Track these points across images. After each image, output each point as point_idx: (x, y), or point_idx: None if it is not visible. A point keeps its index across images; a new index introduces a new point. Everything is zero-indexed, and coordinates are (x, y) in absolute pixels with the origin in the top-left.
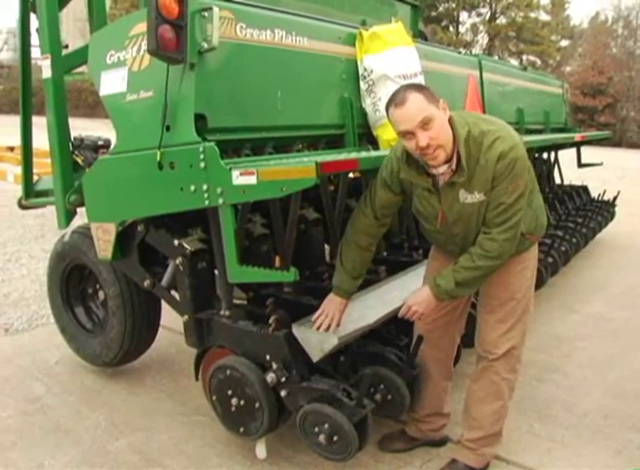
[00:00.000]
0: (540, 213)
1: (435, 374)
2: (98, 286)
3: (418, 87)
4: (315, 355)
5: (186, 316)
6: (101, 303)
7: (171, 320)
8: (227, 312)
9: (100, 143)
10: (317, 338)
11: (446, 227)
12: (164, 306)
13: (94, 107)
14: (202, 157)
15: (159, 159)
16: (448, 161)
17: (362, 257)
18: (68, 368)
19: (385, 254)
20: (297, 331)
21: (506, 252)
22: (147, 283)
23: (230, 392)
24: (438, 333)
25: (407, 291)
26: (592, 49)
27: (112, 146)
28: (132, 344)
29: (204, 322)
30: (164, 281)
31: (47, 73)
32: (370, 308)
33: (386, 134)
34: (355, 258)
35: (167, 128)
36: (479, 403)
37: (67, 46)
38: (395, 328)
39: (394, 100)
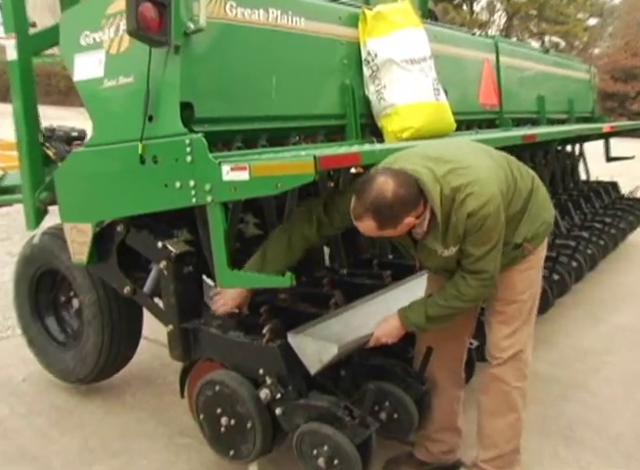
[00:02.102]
0: (538, 218)
1: (445, 382)
2: (72, 293)
3: (375, 210)
4: (313, 367)
5: (170, 326)
6: (75, 312)
7: (154, 331)
8: (216, 322)
9: (74, 134)
10: (315, 347)
11: (426, 266)
12: (146, 315)
13: (67, 93)
14: (188, 150)
15: (140, 152)
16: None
17: (288, 256)
18: (37, 386)
19: (390, 256)
20: (293, 340)
21: (482, 295)
22: (127, 289)
23: (219, 410)
24: (448, 342)
25: (415, 296)
26: (624, 28)
27: (87, 137)
28: (110, 357)
29: (190, 333)
30: (147, 287)
31: (12, 55)
32: (373, 316)
33: (391, 125)
34: (280, 255)
35: (150, 118)
36: (490, 418)
37: (34, 24)
38: (402, 339)
39: (356, 194)
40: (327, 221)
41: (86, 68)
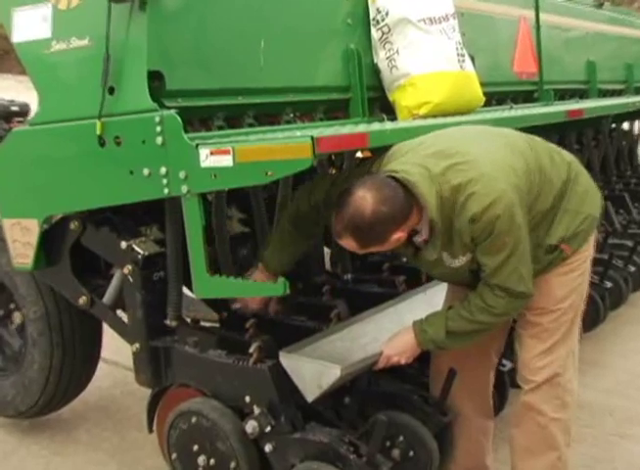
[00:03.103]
0: (578, 213)
1: (471, 412)
2: (12, 306)
3: (354, 230)
4: (311, 393)
5: (136, 345)
6: (16, 328)
7: (116, 351)
8: (193, 339)
9: (13, 109)
10: (313, 369)
11: (434, 276)
12: (107, 332)
13: (2, 58)
14: (158, 129)
15: (99, 132)
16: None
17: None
18: None
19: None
20: (287, 361)
21: (514, 308)
22: (82, 300)
23: (196, 447)
24: (471, 359)
25: (434, 307)
26: None
27: (32, 113)
28: (60, 385)
29: (161, 352)
30: (107, 297)
31: None
32: (383, 332)
33: (405, 99)
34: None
35: (111, 91)
36: (525, 456)
37: None
38: (418, 359)
39: (335, 209)
40: (324, 214)
41: (28, 26)
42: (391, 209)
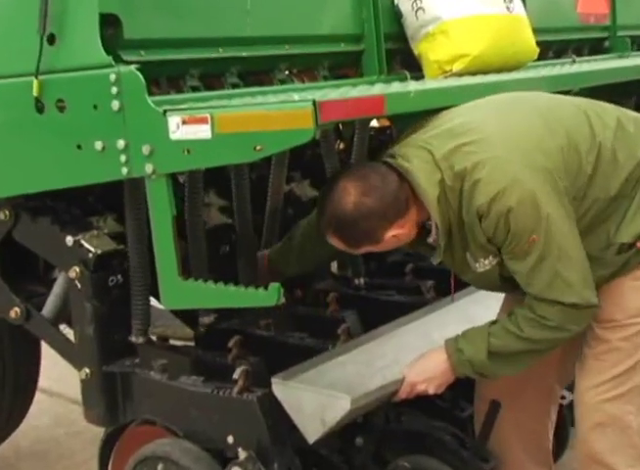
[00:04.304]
0: None
1: (521, 456)
2: None
3: (336, 228)
4: (313, 432)
5: (86, 370)
6: None
7: (58, 378)
8: (160, 362)
9: None
10: (316, 401)
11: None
12: (47, 354)
13: None
14: (114, 91)
15: (36, 93)
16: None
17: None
18: None
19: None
20: (282, 390)
21: (576, 321)
22: (15, 313)
23: None
24: (526, 389)
25: (472, 322)
26: None
27: None
28: None
29: (118, 380)
30: (47, 309)
31: None
32: (408, 352)
33: (435, 52)
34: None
35: (51, 39)
36: None
37: None
38: (452, 388)
39: (318, 204)
40: None
41: None
42: (379, 202)
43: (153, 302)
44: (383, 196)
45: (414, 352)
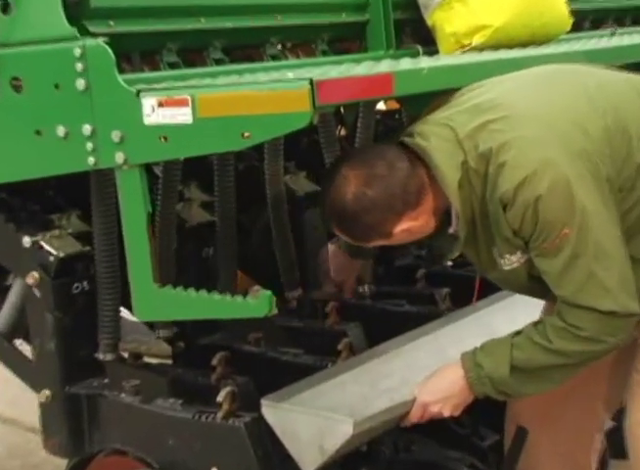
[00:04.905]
0: None
1: None
2: None
3: (338, 221)
4: (310, 462)
5: (46, 392)
6: None
7: (12, 402)
8: (132, 383)
9: None
10: (313, 426)
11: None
12: None
13: None
14: (79, 68)
15: None
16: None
17: None
18: None
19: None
20: (274, 414)
21: (613, 332)
22: None
23: None
24: (565, 412)
25: (495, 333)
26: None
27: None
28: None
29: (83, 403)
30: (0, 321)
31: None
32: (419, 371)
33: (451, 23)
34: None
35: (5, 8)
36: None
37: None
38: (470, 412)
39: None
40: None
41: None
42: (382, 193)
43: (124, 313)
44: (388, 186)
45: (426, 371)
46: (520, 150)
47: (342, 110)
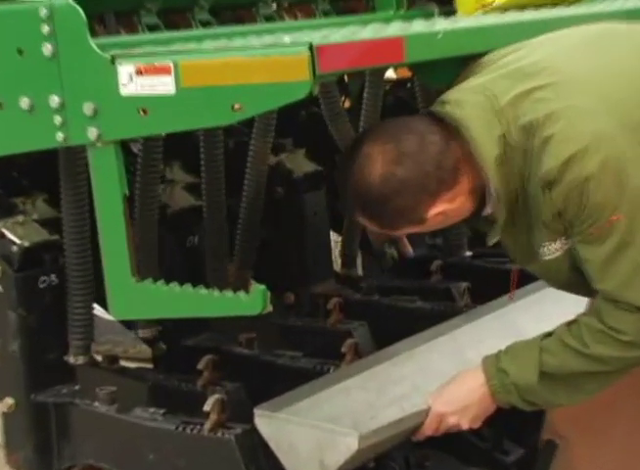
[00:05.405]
0: None
1: None
2: None
3: (362, 206)
4: None
5: (9, 401)
6: None
7: None
8: (107, 390)
9: None
10: (313, 439)
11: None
12: None
13: None
14: (45, 30)
15: None
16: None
17: None
18: None
19: (468, 253)
20: (268, 425)
21: None
22: None
23: None
24: (613, 421)
25: (519, 339)
26: None
27: None
28: None
29: (51, 413)
30: None
31: None
32: (434, 376)
33: None
34: None
35: None
36: None
37: None
38: (492, 424)
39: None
40: None
41: None
42: (415, 171)
43: (97, 310)
44: (420, 162)
45: (442, 377)
46: (569, 121)
47: (345, 78)
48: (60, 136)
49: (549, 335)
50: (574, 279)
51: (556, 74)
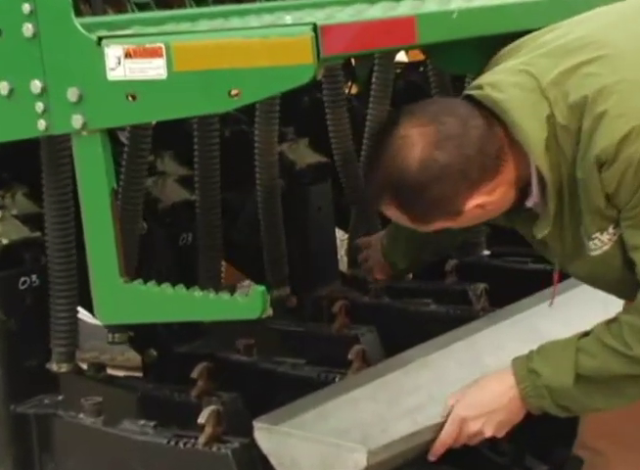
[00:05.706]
0: None
1: None
2: None
3: (396, 194)
4: None
5: None
6: None
7: None
8: (93, 401)
9: None
10: (318, 454)
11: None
12: None
13: None
14: (26, 9)
15: None
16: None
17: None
18: None
19: (486, 252)
20: (269, 439)
21: None
22: None
23: None
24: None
25: (539, 342)
26: None
27: None
28: None
29: (32, 425)
30: None
31: None
32: (449, 384)
33: None
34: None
35: None
36: None
37: None
38: (511, 437)
39: (366, 160)
40: None
41: None
42: (457, 157)
43: (82, 314)
44: (463, 147)
45: (458, 386)
46: (622, 96)
47: (352, 62)
48: (42, 124)
49: (586, 334)
50: (625, 277)
51: (603, 48)
